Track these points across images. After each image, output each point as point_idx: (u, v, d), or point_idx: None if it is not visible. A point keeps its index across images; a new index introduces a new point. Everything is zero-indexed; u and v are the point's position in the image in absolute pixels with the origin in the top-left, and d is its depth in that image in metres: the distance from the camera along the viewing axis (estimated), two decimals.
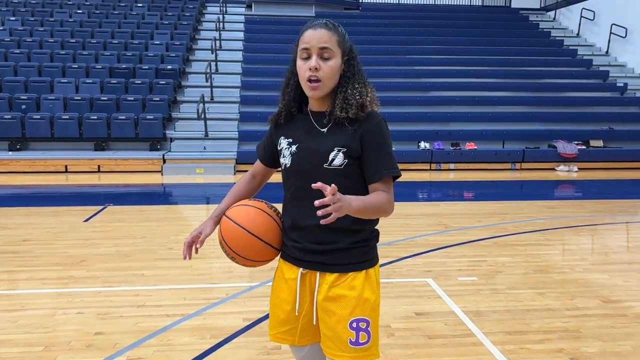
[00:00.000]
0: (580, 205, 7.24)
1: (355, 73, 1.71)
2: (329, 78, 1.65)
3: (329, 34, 1.64)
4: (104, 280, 4.12)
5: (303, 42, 1.65)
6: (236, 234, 1.72)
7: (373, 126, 1.66)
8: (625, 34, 14.52)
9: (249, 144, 10.79)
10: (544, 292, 3.93)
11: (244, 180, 1.98)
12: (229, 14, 16.29)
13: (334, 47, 1.64)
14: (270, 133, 1.87)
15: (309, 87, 1.64)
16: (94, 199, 7.80)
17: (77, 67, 11.91)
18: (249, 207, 1.77)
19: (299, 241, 1.72)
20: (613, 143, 11.62)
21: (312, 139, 1.69)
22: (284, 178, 1.78)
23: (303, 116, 1.75)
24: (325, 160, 1.65)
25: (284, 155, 1.74)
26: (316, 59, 1.62)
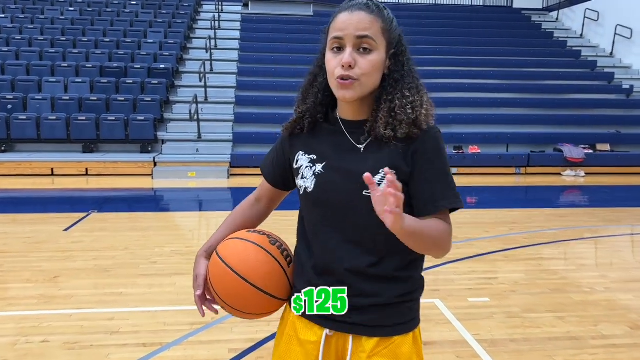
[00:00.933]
0: (592, 214, 6.86)
1: (405, 74, 1.29)
2: (368, 76, 1.23)
3: (370, 18, 1.22)
4: (77, 301, 3.72)
5: (335, 28, 1.24)
6: (226, 279, 1.33)
7: (428, 143, 1.26)
8: (630, 35, 14.16)
9: (244, 147, 10.41)
10: (564, 317, 3.55)
11: (245, 204, 1.55)
12: (225, 13, 15.90)
13: (377, 36, 1.23)
14: (281, 146, 1.45)
15: (339, 86, 1.24)
16: (79, 204, 7.39)
17: (66, 66, 11.50)
18: (246, 243, 1.37)
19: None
20: (620, 147, 11.26)
21: (345, 157, 1.29)
22: (303, 205, 1.38)
23: (330, 126, 1.35)
24: (365, 186, 1.19)
25: (304, 177, 1.34)
26: (351, 51, 1.22)
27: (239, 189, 8.72)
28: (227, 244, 1.39)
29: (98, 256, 4.74)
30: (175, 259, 4.70)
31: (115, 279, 4.18)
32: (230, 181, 9.26)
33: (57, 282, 4.08)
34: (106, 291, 3.90)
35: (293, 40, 14.17)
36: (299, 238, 1.41)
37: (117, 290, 3.92)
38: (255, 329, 3.25)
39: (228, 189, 8.82)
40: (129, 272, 4.32)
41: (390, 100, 1.26)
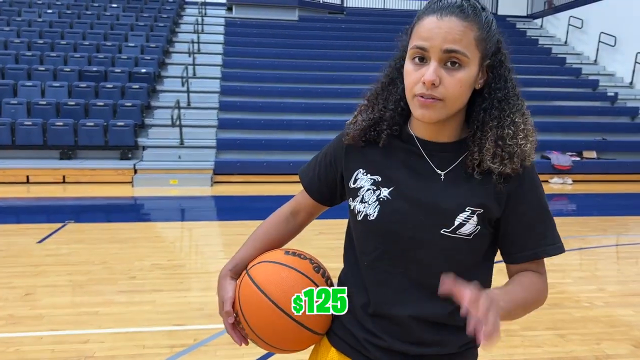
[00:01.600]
0: (584, 223, 6.76)
1: (510, 92, 1.07)
2: (456, 98, 1.01)
3: (463, 25, 0.99)
4: (49, 321, 3.46)
5: (418, 35, 1.02)
6: (263, 310, 1.14)
7: (526, 180, 1.08)
8: (614, 43, 14.24)
9: (227, 153, 10.16)
10: (565, 335, 3.39)
11: (279, 217, 1.32)
12: (208, 17, 15.64)
13: (469, 49, 1.00)
14: (333, 156, 1.22)
15: (418, 103, 1.02)
16: (55, 214, 7.09)
17: (44, 70, 11.15)
18: (287, 270, 1.17)
19: (382, 337, 1.12)
20: (606, 154, 11.25)
21: (421, 185, 1.09)
22: (360, 233, 1.16)
23: (402, 144, 1.13)
24: (446, 224, 1.05)
25: (365, 201, 1.12)
26: (436, 67, 0.99)
27: (222, 197, 8.48)
28: (263, 268, 1.19)
29: (73, 271, 4.47)
30: (155, 273, 4.45)
31: (91, 296, 3.93)
32: (214, 189, 9.01)
33: (28, 300, 3.81)
34: (80, 310, 3.64)
35: (278, 45, 13.98)
36: (348, 266, 1.22)
37: (92, 309, 3.67)
38: (241, 351, 3.02)
39: (211, 197, 8.57)
40: (106, 289, 4.06)
41: (499, 126, 1.05)
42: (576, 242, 5.85)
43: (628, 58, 13.80)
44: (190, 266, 4.73)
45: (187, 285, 4.18)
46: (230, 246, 5.50)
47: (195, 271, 4.58)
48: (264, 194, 8.57)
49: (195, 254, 5.30)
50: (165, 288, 4.10)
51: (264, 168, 9.62)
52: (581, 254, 5.36)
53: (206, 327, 3.39)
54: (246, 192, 8.79)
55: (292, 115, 11.21)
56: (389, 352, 1.12)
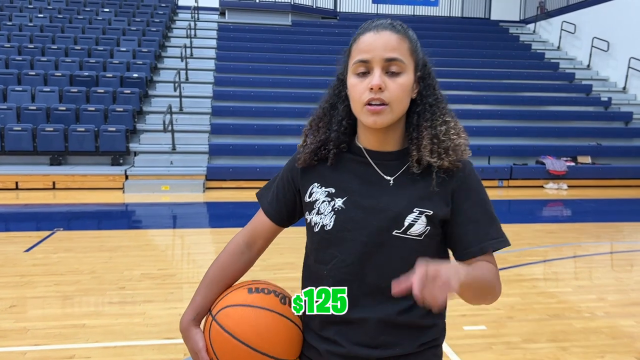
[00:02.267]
0: (582, 230, 6.69)
1: (439, 98, 1.18)
2: (399, 101, 1.12)
3: (397, 38, 1.13)
4: (33, 335, 3.33)
5: (359, 50, 1.14)
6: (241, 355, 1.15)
7: (469, 178, 1.16)
8: (607, 48, 14.26)
9: (220, 159, 10.04)
10: (567, 347, 3.30)
11: (233, 252, 1.31)
12: (201, 21, 15.55)
13: (405, 57, 1.13)
14: (289, 176, 1.29)
15: (368, 112, 1.12)
16: (43, 221, 6.94)
17: (34, 74, 10.98)
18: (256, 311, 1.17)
19: (341, 343, 1.16)
20: (601, 159, 11.22)
21: (372, 191, 1.16)
22: (317, 245, 1.20)
23: (352, 156, 1.22)
24: (397, 226, 1.12)
25: (320, 212, 1.19)
26: (380, 73, 1.11)
27: (215, 204, 8.36)
28: (231, 313, 1.18)
29: (60, 281, 4.34)
30: (146, 283, 4.33)
31: (78, 307, 3.80)
32: (206, 195, 8.88)
33: (12, 312, 3.68)
34: (66, 323, 3.51)
35: (271, 49, 13.90)
36: (307, 280, 1.25)
37: (79, 321, 3.55)
38: None
39: (204, 203, 8.44)
40: (94, 300, 3.94)
41: (432, 126, 1.15)
42: (573, 249, 5.77)
43: (621, 63, 13.82)
44: (181, 275, 4.61)
45: (178, 296, 4.06)
46: None
47: (186, 281, 4.47)
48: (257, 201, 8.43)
49: (187, 263, 5.18)
50: (156, 299, 3.98)
51: (257, 174, 9.50)
52: (580, 262, 5.28)
53: None
54: (239, 198, 8.67)
55: (285, 120, 11.11)
56: (348, 358, 1.15)
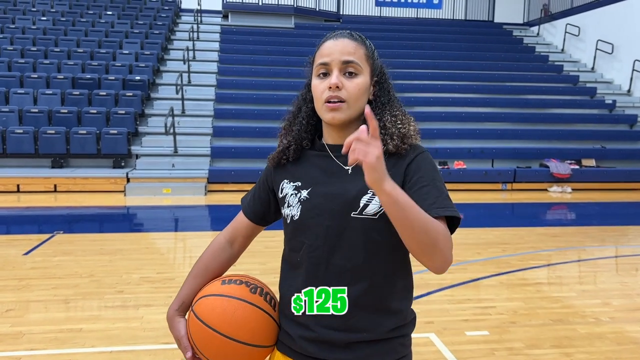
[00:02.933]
0: (586, 233, 6.61)
1: (392, 98, 1.34)
2: (355, 99, 1.25)
3: (354, 44, 1.28)
4: (29, 340, 3.29)
5: (321, 55, 1.28)
6: (214, 342, 1.25)
7: (419, 158, 1.26)
8: (611, 50, 14.18)
9: (222, 162, 10.02)
10: (572, 353, 3.24)
11: (215, 248, 1.43)
12: (204, 24, 15.55)
13: (361, 62, 1.27)
14: (265, 178, 1.43)
15: (327, 108, 1.25)
16: (44, 224, 6.92)
17: (36, 77, 11.00)
18: (226, 300, 1.27)
19: (312, 328, 1.24)
20: (605, 162, 11.14)
21: (332, 180, 1.28)
22: (289, 236, 1.32)
23: (316, 152, 1.35)
24: (354, 208, 1.23)
25: (290, 205, 1.31)
26: (338, 74, 1.25)
27: (216, 206, 8.32)
28: (205, 303, 1.28)
29: (58, 284, 4.31)
30: (144, 287, 4.29)
31: (76, 311, 3.76)
32: (208, 198, 8.85)
33: (8, 316, 3.64)
34: (63, 327, 3.47)
35: (274, 52, 13.88)
36: (285, 271, 1.35)
37: (76, 325, 3.50)
38: None
39: (205, 206, 8.41)
40: (92, 304, 3.90)
41: (379, 119, 1.28)
42: (577, 253, 5.71)
43: (626, 65, 13.74)
44: (180, 279, 4.56)
45: None
46: None
47: None
48: None
49: (187, 266, 5.13)
50: (154, 303, 3.94)
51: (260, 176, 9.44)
52: (584, 266, 5.21)
53: None
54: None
55: None
56: (318, 342, 1.23)
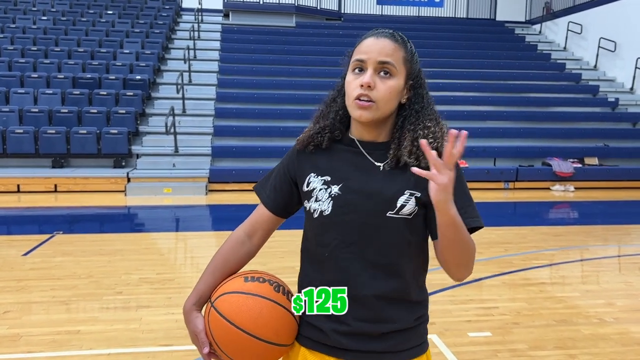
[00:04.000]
0: (589, 232, 6.56)
1: (425, 106, 1.30)
2: (386, 101, 1.25)
3: (393, 46, 1.27)
4: (26, 342, 3.26)
5: (359, 51, 1.28)
6: (238, 340, 1.24)
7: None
8: (614, 48, 14.11)
9: (223, 161, 9.98)
10: (576, 354, 3.19)
11: (234, 242, 1.41)
12: (204, 23, 15.50)
13: (398, 64, 1.25)
14: (286, 167, 1.40)
15: (356, 105, 1.24)
16: (44, 224, 6.89)
17: (37, 77, 10.97)
18: (251, 298, 1.26)
19: (347, 322, 1.25)
20: (608, 161, 11.08)
21: (365, 177, 1.27)
22: (317, 230, 1.31)
23: (345, 146, 1.33)
24: (391, 207, 1.24)
25: (318, 199, 1.29)
26: (372, 73, 1.24)
27: (217, 206, 8.28)
28: (228, 300, 1.26)
29: (57, 286, 4.27)
30: (143, 288, 4.25)
31: (74, 313, 3.72)
32: (209, 197, 8.81)
33: (6, 318, 3.61)
34: (61, 329, 3.44)
35: (275, 51, 13.83)
36: (307, 265, 1.34)
37: (73, 327, 3.47)
38: None
39: (206, 206, 8.37)
40: (90, 306, 3.86)
41: (413, 130, 1.26)
42: (581, 252, 5.66)
43: (628, 63, 13.66)
44: (179, 280, 4.53)
45: (176, 301, 3.97)
46: None
47: (185, 285, 4.38)
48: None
49: (186, 267, 5.10)
50: (153, 304, 3.90)
51: (261, 176, 9.02)
52: (587, 265, 5.16)
53: (193, 348, 3.16)
54: (242, 200, 8.59)
55: (289, 122, 11.03)
56: (353, 335, 1.25)
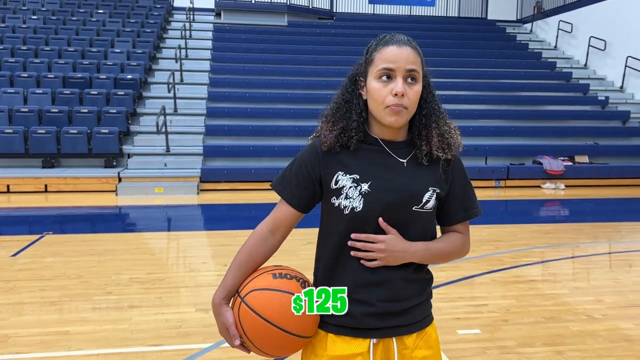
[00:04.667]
0: (579, 230, 6.60)
1: (438, 103, 1.45)
2: (414, 105, 1.37)
3: (414, 53, 1.36)
4: (14, 343, 3.24)
5: (385, 60, 1.34)
6: (269, 334, 1.33)
7: (459, 164, 1.47)
8: (604, 47, 14.20)
9: (215, 161, 9.96)
10: (564, 351, 3.21)
11: (258, 239, 1.46)
12: (196, 22, 15.46)
13: (420, 70, 1.37)
14: (309, 165, 1.43)
15: (390, 112, 1.34)
16: (34, 225, 6.85)
17: (27, 77, 10.90)
18: (281, 295, 1.34)
19: (375, 303, 1.37)
20: (598, 159, 11.15)
21: (392, 175, 1.38)
22: (344, 225, 1.39)
23: (369, 145, 1.42)
24: (416, 202, 1.38)
25: (350, 197, 1.37)
26: (402, 82, 1.33)
27: (209, 206, 8.27)
28: (259, 296, 1.34)
29: (46, 286, 4.25)
30: (134, 288, 4.23)
31: (63, 314, 3.71)
32: (201, 197, 8.79)
33: None
34: (50, 330, 3.42)
35: (267, 50, 13.82)
36: (332, 258, 1.42)
37: (62, 328, 3.45)
38: None
39: (198, 205, 8.35)
40: (79, 306, 3.84)
41: (438, 127, 1.41)
42: (571, 249, 5.69)
43: (618, 62, 13.76)
44: (170, 280, 4.52)
45: (166, 301, 3.96)
46: (215, 257, 5.30)
47: (175, 285, 4.37)
48: (252, 202, 8.37)
49: (177, 267, 5.09)
50: (143, 304, 3.89)
51: (252, 175, 9.42)
52: (577, 263, 5.20)
53: (183, 348, 3.19)
54: (234, 200, 8.58)
55: (281, 122, 11.04)
56: (379, 315, 1.38)
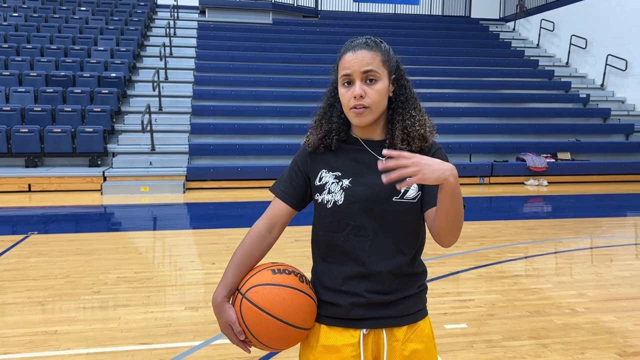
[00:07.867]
0: (561, 225, 6.72)
1: (409, 96, 1.50)
2: (377, 103, 1.43)
3: (370, 54, 1.43)
4: (2, 344, 3.22)
5: (343, 67, 1.44)
6: (272, 328, 1.39)
7: (437, 152, 1.48)
8: (585, 45, 14.42)
9: (200, 159, 9.93)
10: (548, 344, 3.28)
11: (256, 236, 1.53)
12: (180, 20, 15.37)
13: (379, 68, 1.43)
14: (299, 165, 1.55)
15: (353, 113, 1.43)
16: (18, 225, 6.78)
17: (8, 75, 10.76)
18: (281, 289, 1.40)
19: (363, 294, 1.43)
20: (580, 155, 11.33)
21: (371, 171, 1.44)
22: (329, 219, 1.47)
23: (349, 145, 1.52)
24: (395, 193, 1.42)
25: (331, 192, 1.47)
26: (360, 84, 1.41)
27: (195, 204, 8.24)
28: (260, 292, 1.39)
29: (32, 286, 4.22)
30: (122, 287, 4.22)
31: (50, 314, 3.69)
32: (186, 196, 8.76)
33: None
34: (37, 330, 3.40)
35: (252, 48, 13.80)
36: (324, 250, 1.49)
37: (51, 328, 3.44)
38: None
39: (184, 204, 8.32)
40: (67, 306, 3.83)
41: (402, 120, 1.46)
42: (554, 245, 5.79)
43: (599, 60, 13.99)
44: (158, 279, 4.51)
45: (155, 300, 3.96)
46: (202, 256, 5.30)
47: (163, 284, 4.37)
48: (239, 200, 8.36)
49: (164, 265, 5.07)
50: (131, 303, 3.89)
51: (238, 173, 9.41)
52: (560, 258, 5.29)
53: (172, 346, 3.19)
54: (220, 198, 8.57)
55: (266, 120, 11.04)
56: (367, 306, 1.43)
